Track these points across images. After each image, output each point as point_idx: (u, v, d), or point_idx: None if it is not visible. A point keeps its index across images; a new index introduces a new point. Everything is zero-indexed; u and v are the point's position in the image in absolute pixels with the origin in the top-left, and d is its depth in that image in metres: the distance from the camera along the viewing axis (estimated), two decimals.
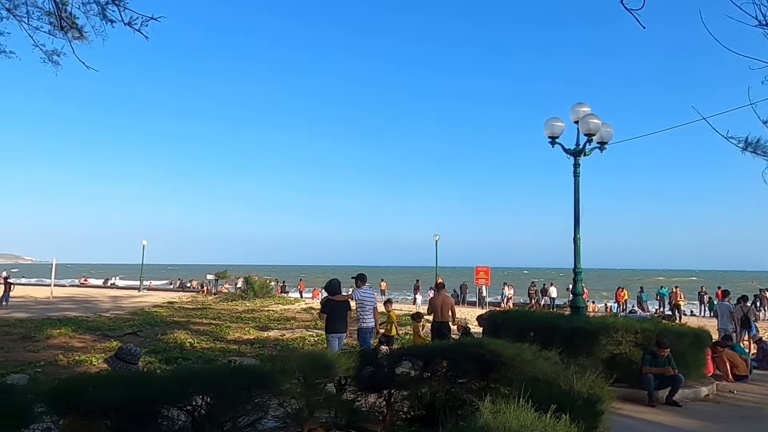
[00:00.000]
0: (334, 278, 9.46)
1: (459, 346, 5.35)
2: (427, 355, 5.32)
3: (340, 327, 9.04)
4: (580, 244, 10.22)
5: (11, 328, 15.24)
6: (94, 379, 3.18)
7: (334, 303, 9.07)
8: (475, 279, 29.69)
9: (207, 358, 10.15)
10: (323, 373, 4.60)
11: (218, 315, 21.18)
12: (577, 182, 10.32)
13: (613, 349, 8.58)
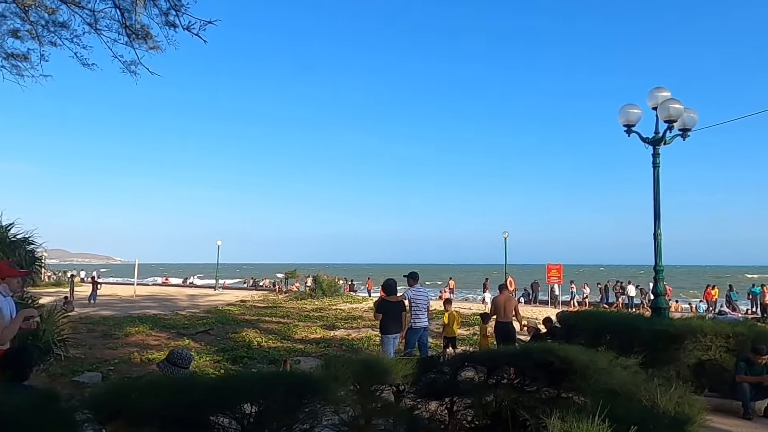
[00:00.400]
0: (390, 278, 9.36)
1: (525, 352, 4.95)
2: (490, 361, 4.96)
3: (395, 328, 8.91)
4: (661, 240, 9.49)
5: (95, 325, 16.07)
6: (139, 385, 3.08)
7: (388, 303, 8.99)
8: (547, 277, 28.60)
9: (272, 358, 10.20)
10: (379, 380, 4.36)
11: (287, 313, 21.52)
12: (656, 173, 9.58)
13: (701, 355, 7.85)
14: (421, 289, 9.76)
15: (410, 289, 9.52)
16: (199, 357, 10.39)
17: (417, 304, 9.34)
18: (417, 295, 9.46)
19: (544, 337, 9.94)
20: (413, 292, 9.47)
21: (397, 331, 8.97)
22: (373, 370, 4.29)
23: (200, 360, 10.11)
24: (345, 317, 20.22)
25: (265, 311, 22.79)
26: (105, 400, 2.92)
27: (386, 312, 8.90)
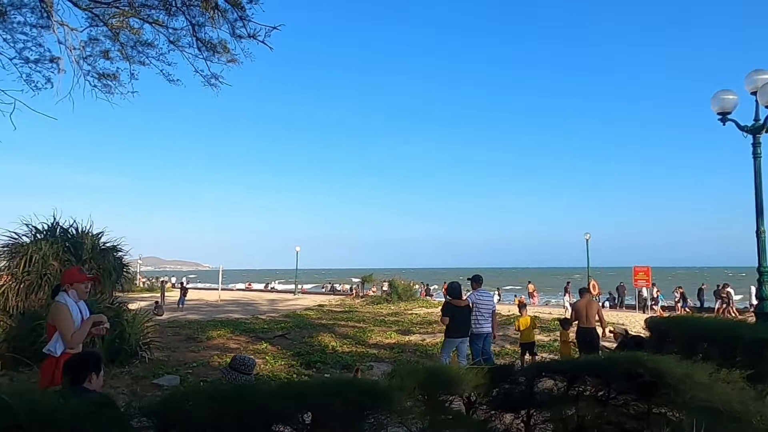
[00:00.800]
0: (454, 281, 9.16)
1: (610, 362, 4.50)
2: (571, 371, 4.55)
3: (459, 332, 8.75)
4: (765, 237, 8.57)
5: (181, 328, 16.78)
6: (196, 393, 3.00)
7: (453, 307, 8.86)
8: (634, 280, 26.97)
9: (345, 363, 10.14)
10: (448, 390, 4.09)
11: (363, 318, 21.56)
12: (757, 165, 8.69)
13: None
14: (485, 293, 9.48)
15: (474, 293, 9.34)
16: (274, 361, 10.52)
17: (479, 309, 9.12)
18: (480, 299, 9.20)
19: (635, 344, 9.25)
20: (476, 295, 9.25)
21: (462, 336, 8.84)
22: (440, 379, 4.03)
23: (275, 364, 10.23)
24: (420, 322, 19.98)
25: (341, 315, 22.97)
26: (161, 407, 2.85)
27: (452, 316, 8.78)
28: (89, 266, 10.79)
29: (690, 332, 8.04)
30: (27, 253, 10.25)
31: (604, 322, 10.41)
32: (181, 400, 2.89)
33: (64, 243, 10.73)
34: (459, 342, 8.88)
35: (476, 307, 9.15)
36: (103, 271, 11.03)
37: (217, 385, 3.73)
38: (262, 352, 12.02)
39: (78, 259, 10.68)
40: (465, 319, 8.81)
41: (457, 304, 8.94)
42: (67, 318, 3.91)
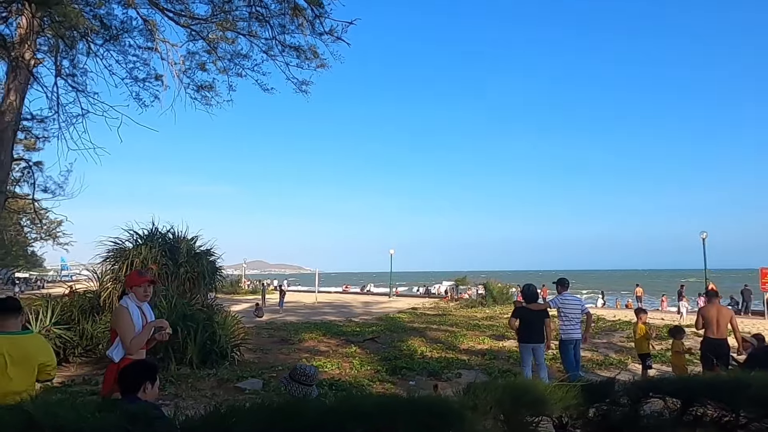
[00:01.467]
0: (529, 283, 8.49)
1: (738, 384, 3.74)
2: (685, 392, 3.83)
3: (533, 337, 8.16)
4: None
5: (276, 330, 17.14)
6: (239, 409, 2.71)
7: (525, 310, 8.31)
8: (761, 283, 24.07)
9: (432, 370, 9.68)
10: (532, 410, 3.54)
11: (456, 322, 20.95)
12: None
13: None
14: (570, 297, 8.75)
15: (557, 297, 8.66)
16: (360, 366, 10.29)
17: (566, 314, 8.45)
18: (566, 303, 8.47)
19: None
20: (560, 299, 8.65)
21: (536, 342, 8.22)
22: (523, 398, 3.49)
23: (360, 369, 9.99)
24: None
25: (434, 319, 22.51)
26: (201, 424, 2.59)
27: (522, 319, 8.23)
28: (184, 269, 11.20)
29: None
30: (129, 258, 10.79)
31: (738, 332, 8.88)
32: (223, 417, 2.62)
33: (162, 247, 11.19)
34: (533, 348, 8.27)
35: (562, 312, 8.63)
36: (197, 274, 11.40)
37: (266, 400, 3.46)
38: (350, 356, 11.85)
39: (174, 263, 11.11)
40: (538, 324, 8.21)
41: (531, 308, 8.40)
42: (127, 322, 3.83)
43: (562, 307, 8.64)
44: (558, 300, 8.75)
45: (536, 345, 8.19)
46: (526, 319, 8.22)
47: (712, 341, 8.43)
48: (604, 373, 10.51)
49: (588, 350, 12.80)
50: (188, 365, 9.04)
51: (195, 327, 9.38)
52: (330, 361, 10.97)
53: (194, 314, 9.67)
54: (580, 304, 8.81)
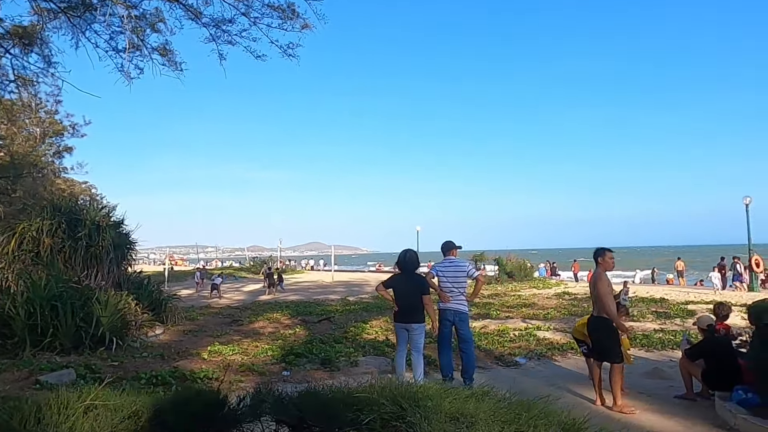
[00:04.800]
0: (409, 248, 6.70)
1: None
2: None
3: (401, 314, 6.51)
4: None
5: (241, 311, 16.01)
6: None
7: (398, 280, 6.67)
8: None
9: (327, 358, 8.06)
10: None
11: None
12: None
13: None
14: (452, 261, 7.07)
15: (437, 263, 7.20)
16: (261, 353, 8.80)
17: (445, 281, 6.96)
18: (446, 269, 6.98)
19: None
20: (439, 266, 7.09)
21: (409, 321, 6.48)
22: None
23: (258, 356, 8.51)
24: (514, 305, 17.09)
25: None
26: None
27: (395, 291, 6.60)
28: (83, 244, 10.04)
29: None
30: (17, 231, 9.72)
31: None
32: None
33: (60, 219, 10.06)
34: (403, 328, 6.55)
35: (441, 280, 7.01)
36: (101, 249, 10.23)
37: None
38: (280, 338, 10.48)
39: (70, 238, 9.97)
40: (409, 297, 6.45)
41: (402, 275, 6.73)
42: None
43: (441, 274, 6.93)
44: (437, 267, 7.02)
45: (409, 325, 6.46)
46: (398, 292, 6.53)
47: None
48: (559, 360, 8.64)
49: (560, 331, 10.85)
50: (52, 350, 7.88)
51: (64, 308, 8.18)
52: (239, 345, 9.59)
53: (64, 293, 8.46)
54: (465, 270, 6.99)
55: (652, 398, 6.29)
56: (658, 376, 7.16)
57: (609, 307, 5.85)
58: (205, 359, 8.14)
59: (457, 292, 6.96)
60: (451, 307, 6.90)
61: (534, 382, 7.07)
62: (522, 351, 9.15)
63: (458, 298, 6.96)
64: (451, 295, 6.91)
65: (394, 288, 6.61)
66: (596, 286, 5.99)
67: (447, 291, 6.94)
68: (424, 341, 6.63)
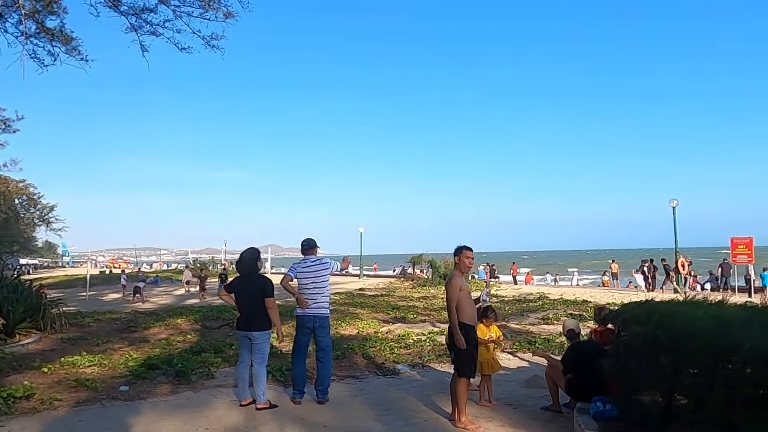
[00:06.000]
0: (251, 247, 6.07)
1: None
2: None
3: (242, 321, 5.90)
4: None
5: (147, 316, 14.94)
6: None
7: (239, 283, 6.03)
8: (732, 255, 21.30)
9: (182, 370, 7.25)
10: None
11: (377, 303, 18.61)
12: None
13: None
14: (311, 262, 6.31)
15: (296, 263, 6.41)
16: (121, 364, 7.93)
17: (304, 284, 6.22)
18: (305, 270, 6.24)
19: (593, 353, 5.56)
20: (298, 267, 6.31)
21: (251, 328, 5.82)
22: None
23: (117, 368, 7.64)
24: (436, 308, 16.61)
25: (363, 300, 20.14)
26: None
27: (236, 294, 5.96)
28: None
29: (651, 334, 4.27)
30: None
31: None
32: None
33: None
34: (245, 336, 5.88)
35: (300, 282, 6.25)
36: None
37: None
38: (162, 347, 9.63)
39: None
40: (249, 301, 5.80)
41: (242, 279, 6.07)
42: None
43: (300, 275, 6.24)
44: (296, 267, 6.34)
45: (250, 333, 5.78)
46: (239, 296, 5.87)
47: None
48: (442, 368, 8.09)
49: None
50: None
51: None
52: (108, 354, 8.70)
53: None
54: (328, 269, 6.32)
55: (517, 410, 5.79)
56: (536, 385, 6.68)
57: (455, 315, 5.28)
58: (45, 373, 7.23)
59: (318, 295, 6.28)
60: (311, 313, 6.20)
61: (401, 394, 6.50)
62: (410, 358, 8.60)
63: (320, 302, 6.28)
64: (311, 299, 6.23)
65: (235, 292, 5.93)
66: (446, 289, 5.42)
67: (307, 294, 6.24)
68: (269, 351, 5.95)
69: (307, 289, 6.21)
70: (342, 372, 7.58)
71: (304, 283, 6.24)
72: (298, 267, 6.33)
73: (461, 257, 5.50)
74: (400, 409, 5.82)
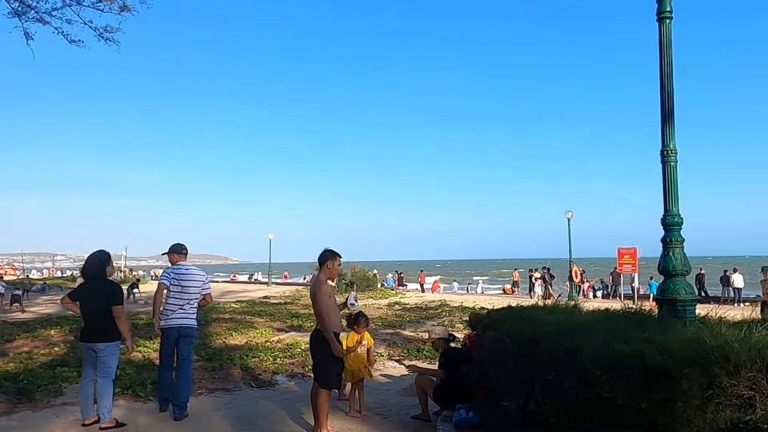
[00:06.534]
0: (100, 250, 5.59)
1: None
2: None
3: (90, 332, 5.30)
4: (673, 162, 4.76)
5: (16, 327, 13.61)
6: None
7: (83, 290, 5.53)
8: (618, 265, 22.72)
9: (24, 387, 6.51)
10: None
11: (278, 311, 18.06)
12: (664, 30, 4.81)
13: (729, 416, 3.12)
14: (184, 269, 5.94)
15: (170, 269, 5.97)
16: None
17: (173, 292, 5.79)
18: (178, 277, 5.83)
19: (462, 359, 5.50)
20: (168, 274, 5.88)
21: (96, 339, 5.25)
22: None
23: None
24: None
25: (264, 309, 19.46)
26: None
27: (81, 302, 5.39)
28: None
29: (497, 338, 4.23)
30: None
31: None
32: None
33: None
34: (90, 348, 5.34)
35: (171, 289, 5.79)
36: None
37: None
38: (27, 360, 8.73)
39: None
40: (94, 309, 5.29)
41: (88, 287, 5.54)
42: None
43: (173, 282, 5.80)
44: (171, 273, 5.90)
45: (95, 344, 5.26)
46: (83, 303, 5.34)
47: None
48: None
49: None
50: None
51: None
52: None
53: None
54: (201, 280, 5.96)
55: (386, 420, 5.63)
56: (413, 393, 6.52)
57: (328, 322, 5.04)
58: None
59: (186, 304, 5.84)
60: (174, 324, 5.77)
61: (271, 406, 6.17)
62: (293, 368, 8.27)
63: (188, 312, 5.85)
64: (178, 309, 5.77)
65: (79, 299, 5.37)
66: (315, 296, 5.15)
67: (175, 302, 5.80)
68: (116, 365, 5.42)
69: (175, 297, 5.78)
70: (214, 384, 7.13)
71: (174, 291, 5.80)
72: (170, 273, 5.90)
73: (333, 263, 5.28)
74: (263, 424, 5.48)
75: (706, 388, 3.08)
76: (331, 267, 5.29)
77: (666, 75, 4.75)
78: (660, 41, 4.74)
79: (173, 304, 5.74)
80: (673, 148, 4.70)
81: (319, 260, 5.30)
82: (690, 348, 3.20)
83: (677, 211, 4.65)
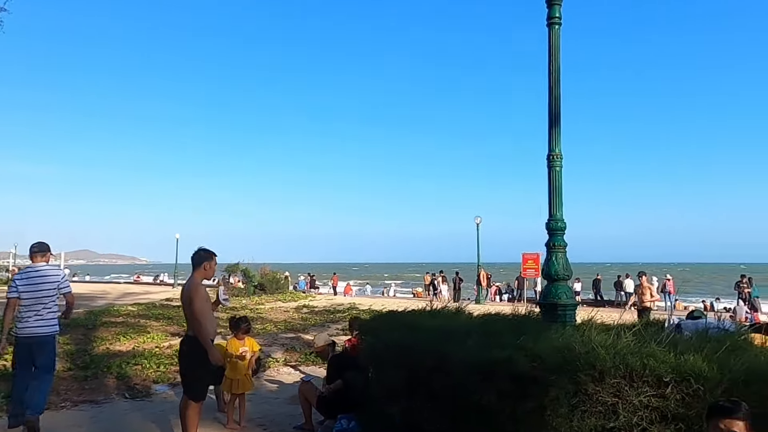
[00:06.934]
0: None
1: None
2: None
3: None
4: (560, 170, 4.78)
5: None
6: None
7: None
8: (522, 269, 23.58)
9: None
10: None
11: (179, 314, 17.04)
12: (553, 36, 4.84)
13: (593, 423, 3.07)
14: (39, 269, 5.34)
15: (20, 272, 5.52)
16: None
17: (24, 298, 5.17)
18: (28, 281, 5.24)
19: (345, 365, 5.26)
20: (23, 275, 5.35)
21: None
22: None
23: None
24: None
25: (163, 312, 18.32)
26: None
27: None
28: None
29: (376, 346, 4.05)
30: None
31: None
32: None
33: None
34: None
35: (22, 295, 5.19)
36: None
37: None
38: None
39: None
40: None
41: None
42: None
43: (22, 287, 5.18)
44: (17, 280, 5.30)
45: None
46: None
47: None
48: None
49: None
50: None
51: None
52: None
53: None
54: (56, 281, 5.39)
55: (266, 430, 5.29)
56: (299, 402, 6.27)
57: (206, 329, 4.65)
58: None
59: (43, 309, 5.22)
60: (27, 332, 5.14)
61: (141, 420, 5.67)
62: (178, 375, 7.69)
63: (45, 317, 5.23)
64: (34, 315, 5.15)
65: None
66: (192, 299, 4.74)
67: (27, 308, 5.16)
68: None
69: (28, 302, 5.15)
70: (81, 396, 6.48)
71: (26, 297, 5.16)
72: (18, 281, 5.25)
73: (210, 264, 4.89)
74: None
75: (572, 395, 3.04)
76: (208, 268, 4.90)
77: (554, 80, 4.78)
78: (549, 46, 4.78)
79: (28, 310, 5.13)
80: (558, 152, 4.74)
81: (193, 261, 4.88)
82: (559, 355, 3.15)
83: (561, 215, 4.69)
